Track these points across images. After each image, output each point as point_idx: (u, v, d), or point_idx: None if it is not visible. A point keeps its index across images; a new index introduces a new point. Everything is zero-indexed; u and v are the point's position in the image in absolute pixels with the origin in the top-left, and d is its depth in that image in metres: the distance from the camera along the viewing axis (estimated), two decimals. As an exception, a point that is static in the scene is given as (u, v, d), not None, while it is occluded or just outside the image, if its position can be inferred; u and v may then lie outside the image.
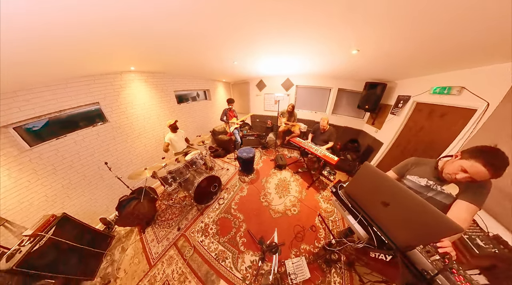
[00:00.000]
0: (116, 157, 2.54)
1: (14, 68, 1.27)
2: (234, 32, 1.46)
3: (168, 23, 1.18)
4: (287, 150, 3.95)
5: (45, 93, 1.82)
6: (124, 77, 2.46)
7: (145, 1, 0.90)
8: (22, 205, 1.79)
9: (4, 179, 1.66)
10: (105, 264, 1.92)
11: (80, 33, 1.10)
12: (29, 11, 0.79)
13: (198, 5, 1.00)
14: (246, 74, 3.85)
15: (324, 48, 1.84)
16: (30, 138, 1.86)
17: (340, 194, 1.13)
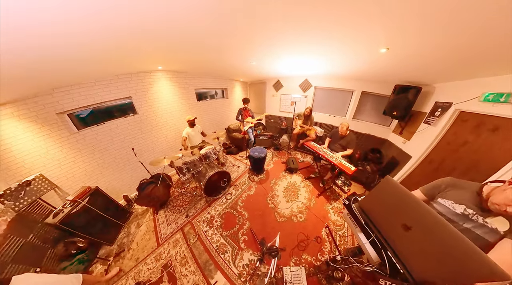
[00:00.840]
0: (141, 145, 2.86)
1: (71, 64, 1.55)
2: (256, 33, 1.47)
3: (195, 24, 1.24)
4: (300, 154, 3.79)
5: (91, 88, 2.19)
6: (152, 75, 2.78)
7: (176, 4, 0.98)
8: (67, 176, 2.18)
9: (57, 154, 2.06)
10: (122, 235, 2.19)
11: (123, 35, 1.25)
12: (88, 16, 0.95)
13: (223, 6, 1.03)
14: (264, 74, 3.84)
15: (347, 47, 1.70)
16: (78, 123, 2.27)
17: (354, 208, 1.03)
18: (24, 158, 1.90)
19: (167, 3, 0.96)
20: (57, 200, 1.94)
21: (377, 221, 0.91)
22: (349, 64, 2.37)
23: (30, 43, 1.03)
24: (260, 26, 1.34)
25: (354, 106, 3.33)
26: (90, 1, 0.82)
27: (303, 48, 1.93)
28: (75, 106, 2.12)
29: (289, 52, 2.11)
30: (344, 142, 2.53)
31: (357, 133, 3.12)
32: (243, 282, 1.53)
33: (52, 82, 1.86)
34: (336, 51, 1.89)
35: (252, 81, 4.79)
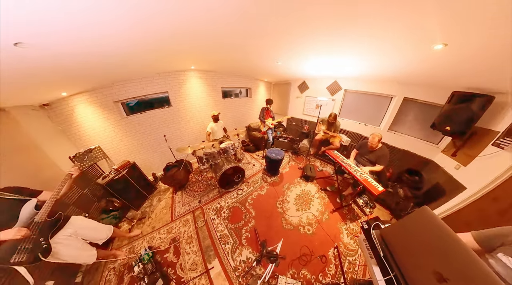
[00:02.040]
0: (171, 133, 3.26)
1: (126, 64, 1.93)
2: (285, 32, 1.43)
3: (227, 25, 1.30)
4: (320, 162, 3.48)
5: (139, 83, 2.71)
6: (186, 73, 3.14)
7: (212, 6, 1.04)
8: (115, 150, 2.76)
9: (110, 133, 2.66)
10: (146, 204, 2.59)
11: (165, 37, 1.44)
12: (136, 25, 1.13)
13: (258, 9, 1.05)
14: (289, 74, 3.68)
15: (389, 45, 1.44)
16: (127, 110, 2.87)
17: (373, 235, 0.90)
18: (90, 132, 2.50)
19: (206, 8, 1.04)
20: (106, 167, 2.43)
21: (400, 258, 0.75)
22: (390, 65, 2.00)
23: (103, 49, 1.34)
24: (292, 26, 1.30)
25: (392, 115, 2.76)
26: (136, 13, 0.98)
27: (335, 48, 1.76)
28: (127, 96, 2.67)
29: (319, 52, 1.97)
30: (373, 157, 2.16)
31: (392, 148, 2.63)
32: (236, 276, 1.54)
33: (112, 78, 2.37)
34: (375, 50, 1.63)
35: (276, 81, 4.70)
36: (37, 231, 1.13)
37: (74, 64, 1.49)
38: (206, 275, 1.57)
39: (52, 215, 1.24)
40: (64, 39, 1.07)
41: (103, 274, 1.69)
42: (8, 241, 1.00)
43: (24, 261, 1.05)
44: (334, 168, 2.70)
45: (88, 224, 1.53)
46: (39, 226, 1.14)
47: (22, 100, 1.92)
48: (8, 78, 1.31)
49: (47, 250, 1.15)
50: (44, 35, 0.97)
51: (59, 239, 1.27)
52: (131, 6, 0.91)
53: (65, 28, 0.97)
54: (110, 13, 0.93)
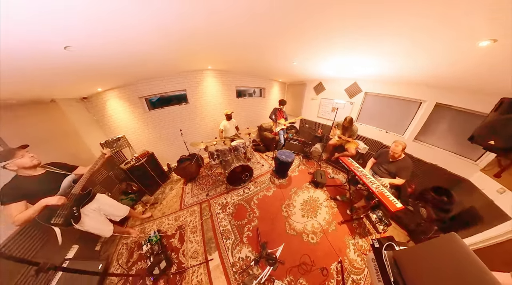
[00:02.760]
0: (187, 128, 3.47)
1: (150, 64, 2.11)
2: (304, 33, 1.39)
3: (245, 25, 1.30)
4: (332, 169, 3.26)
5: (161, 81, 2.96)
6: (203, 73, 3.28)
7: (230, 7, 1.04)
8: (137, 140, 3.07)
9: (134, 124, 2.97)
10: (159, 191, 2.83)
11: (184, 38, 1.51)
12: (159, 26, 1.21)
13: (277, 6, 1.03)
14: (305, 74, 3.50)
15: (421, 43, 1.27)
16: (150, 105, 3.17)
17: (384, 256, 0.82)
18: (118, 123, 2.83)
19: (225, 10, 1.05)
20: (128, 154, 2.70)
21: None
22: (420, 65, 1.74)
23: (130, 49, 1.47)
24: (311, 28, 1.25)
25: (420, 123, 2.41)
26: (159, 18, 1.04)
27: (357, 47, 1.62)
28: (150, 93, 2.96)
29: (338, 52, 1.84)
30: (394, 168, 1.91)
31: (417, 160, 2.33)
32: (233, 272, 1.56)
33: (138, 76, 2.62)
34: (403, 49, 1.46)
35: (291, 81, 4.55)
36: (72, 201, 1.33)
37: (107, 64, 1.69)
38: (205, 266, 1.63)
39: (84, 190, 1.44)
40: (100, 43, 1.22)
41: (117, 247, 1.90)
42: (51, 205, 1.19)
43: (60, 223, 1.26)
44: (347, 177, 2.50)
45: (110, 202, 1.73)
46: (74, 197, 1.35)
47: (68, 94, 2.27)
48: (59, 75, 1.55)
49: (78, 218, 1.37)
50: (86, 39, 1.13)
51: (86, 212, 1.47)
52: (153, 11, 0.98)
53: (101, 35, 1.12)
54: (133, 18, 1.02)
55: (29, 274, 1.27)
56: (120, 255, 1.82)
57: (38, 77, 1.48)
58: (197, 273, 1.58)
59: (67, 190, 1.32)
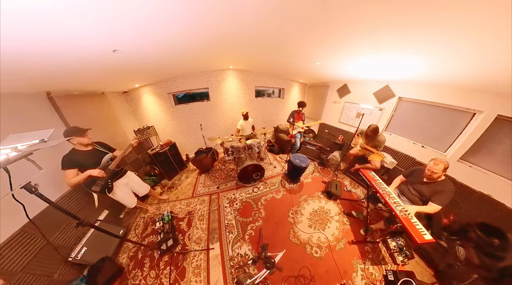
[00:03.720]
0: (206, 123, 3.67)
1: (178, 64, 2.29)
2: (331, 33, 1.28)
3: (268, 25, 1.27)
4: (349, 181, 2.93)
5: (187, 79, 3.21)
6: (224, 73, 3.38)
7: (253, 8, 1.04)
8: (163, 130, 3.40)
9: (162, 117, 3.33)
10: (176, 178, 3.13)
11: (210, 41, 1.57)
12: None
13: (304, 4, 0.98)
14: (328, 75, 3.19)
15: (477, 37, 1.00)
16: (176, 101, 3.49)
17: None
18: (149, 114, 3.23)
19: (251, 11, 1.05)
20: (155, 142, 3.04)
21: None
22: (479, 67, 1.36)
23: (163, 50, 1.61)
24: (340, 27, 1.13)
25: (471, 140, 1.91)
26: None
27: (393, 47, 1.40)
28: (177, 90, 3.25)
29: (369, 51, 1.61)
30: (428, 190, 1.56)
31: (461, 186, 1.87)
32: (230, 265, 1.60)
33: (168, 75, 2.91)
34: (457, 49, 1.17)
35: (312, 83, 4.23)
36: (108, 175, 1.63)
37: (143, 63, 1.90)
38: (206, 253, 1.71)
39: (118, 167, 1.75)
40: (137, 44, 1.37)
41: (136, 219, 2.23)
42: (93, 176, 1.51)
43: (97, 190, 1.60)
44: (366, 193, 2.22)
45: (136, 180, 2.03)
46: (110, 172, 1.65)
47: (113, 88, 2.71)
48: (108, 73, 1.84)
49: (111, 188, 1.69)
50: (128, 43, 1.29)
51: (118, 184, 1.80)
52: (179, 13, 1.02)
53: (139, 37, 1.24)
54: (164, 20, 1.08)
55: (71, 225, 1.59)
56: (137, 226, 2.13)
57: (93, 75, 1.79)
58: (198, 258, 1.68)
59: (105, 166, 1.62)
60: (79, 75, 1.67)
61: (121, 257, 1.78)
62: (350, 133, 3.15)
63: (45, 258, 1.38)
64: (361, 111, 2.36)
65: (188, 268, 1.60)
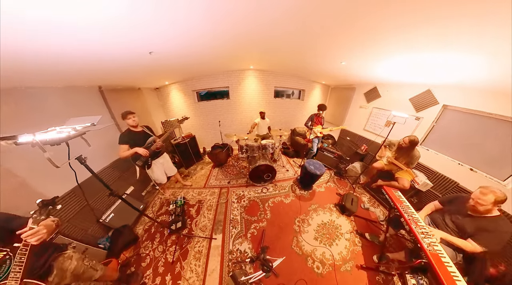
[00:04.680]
0: (224, 120, 3.82)
1: (204, 63, 2.46)
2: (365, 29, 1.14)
3: (289, 24, 1.23)
4: (368, 198, 2.56)
5: (208, 78, 3.38)
6: (245, 72, 3.48)
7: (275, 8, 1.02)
8: (185, 123, 3.65)
9: (186, 112, 3.58)
10: (192, 168, 3.40)
11: (233, 41, 1.62)
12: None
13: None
14: (355, 77, 2.84)
15: None
16: (199, 97, 3.77)
17: None
18: (175, 108, 3.60)
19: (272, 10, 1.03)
20: (178, 133, 3.37)
21: None
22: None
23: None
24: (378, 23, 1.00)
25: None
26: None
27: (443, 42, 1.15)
28: (200, 87, 3.51)
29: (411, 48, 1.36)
30: (472, 226, 1.23)
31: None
32: (229, 259, 1.65)
33: (193, 73, 3.15)
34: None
35: (336, 84, 3.87)
36: (149, 154, 1.93)
37: (172, 64, 2.13)
38: (208, 241, 1.81)
39: (157, 149, 2.05)
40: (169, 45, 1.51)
41: (154, 198, 2.53)
42: (138, 153, 1.84)
43: (140, 165, 1.92)
44: (387, 214, 1.92)
45: (169, 161, 2.37)
46: (151, 152, 1.95)
47: (148, 84, 3.14)
48: (144, 72, 2.12)
49: (150, 165, 2.02)
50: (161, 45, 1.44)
51: (155, 163, 2.10)
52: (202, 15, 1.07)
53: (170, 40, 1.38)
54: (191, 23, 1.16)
55: (105, 194, 1.89)
56: (154, 205, 2.43)
57: (133, 73, 2.10)
58: (200, 244, 1.79)
59: (148, 146, 1.95)
60: (123, 73, 1.99)
61: (138, 228, 2.06)
62: (376, 144, 2.75)
63: (84, 216, 1.72)
64: (392, 119, 2.02)
65: (190, 251, 1.72)
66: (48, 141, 0.77)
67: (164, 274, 1.55)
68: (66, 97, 1.81)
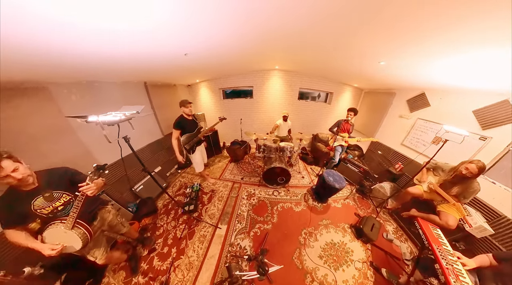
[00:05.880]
0: (246, 118, 3.96)
1: (229, 63, 2.61)
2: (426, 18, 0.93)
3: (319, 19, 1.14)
4: (394, 228, 2.13)
5: (235, 77, 3.56)
6: (269, 73, 3.48)
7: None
8: (210, 118, 4.05)
9: (211, 108, 4.04)
10: (211, 159, 3.70)
11: (260, 40, 1.65)
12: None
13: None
14: (396, 80, 2.35)
15: None
16: (224, 95, 4.03)
17: None
18: (203, 104, 3.97)
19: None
20: (204, 126, 3.64)
21: None
22: None
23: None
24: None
25: None
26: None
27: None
28: (226, 86, 3.74)
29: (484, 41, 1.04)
30: None
31: None
32: (228, 250, 1.74)
33: (220, 73, 3.37)
34: None
35: (371, 88, 3.33)
36: (195, 141, 2.25)
37: (203, 63, 2.35)
38: (213, 229, 1.96)
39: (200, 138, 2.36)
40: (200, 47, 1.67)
41: (176, 180, 2.93)
42: (187, 139, 2.19)
43: (187, 149, 2.23)
44: (417, 254, 1.58)
45: (204, 150, 2.62)
46: (197, 140, 2.27)
47: (182, 82, 3.57)
48: (179, 71, 2.42)
49: (194, 151, 2.30)
50: (194, 47, 1.61)
51: (197, 150, 2.37)
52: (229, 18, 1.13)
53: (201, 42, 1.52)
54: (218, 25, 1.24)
55: (139, 169, 2.21)
56: (174, 185, 2.83)
57: (171, 72, 2.45)
58: (206, 229, 1.96)
59: (196, 134, 2.26)
60: (163, 72, 2.35)
61: (159, 202, 2.44)
62: (416, 164, 2.27)
63: (121, 183, 2.17)
64: (443, 136, 1.59)
65: (196, 233, 1.91)
66: (106, 122, 1.02)
67: (171, 246, 1.79)
68: (121, 90, 2.30)
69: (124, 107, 1.21)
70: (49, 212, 1.01)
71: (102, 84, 2.03)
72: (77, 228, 1.05)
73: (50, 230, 0.99)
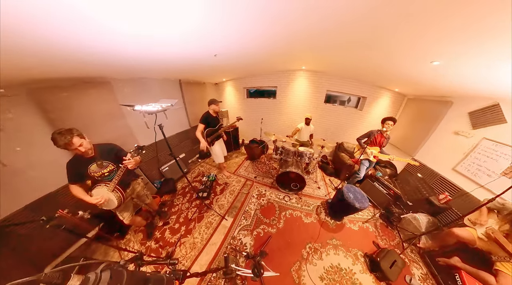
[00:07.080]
0: (267, 118, 3.98)
1: (256, 64, 2.69)
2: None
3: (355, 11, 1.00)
4: (423, 273, 1.67)
5: (259, 77, 3.64)
6: (295, 73, 3.35)
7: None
8: (233, 114, 4.22)
9: (235, 105, 4.30)
10: (229, 153, 3.81)
11: (283, 44, 1.66)
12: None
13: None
14: (456, 84, 1.79)
15: None
16: (248, 94, 4.14)
17: None
18: (227, 102, 4.25)
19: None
20: (225, 123, 3.90)
21: None
22: None
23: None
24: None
25: None
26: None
27: None
28: (250, 85, 3.87)
29: None
30: None
31: None
32: (229, 243, 1.84)
33: (245, 72, 3.46)
34: None
35: (417, 94, 2.68)
36: (216, 135, 2.50)
37: (230, 64, 2.51)
38: (220, 219, 2.11)
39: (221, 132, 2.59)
40: (229, 51, 1.80)
41: (195, 168, 3.30)
42: (202, 136, 2.42)
43: (209, 141, 2.45)
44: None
45: (224, 145, 2.80)
46: (217, 134, 2.50)
47: (211, 80, 3.87)
48: (208, 70, 2.66)
49: (213, 144, 2.53)
50: (223, 48, 1.71)
51: (216, 143, 2.59)
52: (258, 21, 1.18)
53: (228, 45, 1.63)
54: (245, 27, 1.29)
55: (167, 153, 2.50)
56: (193, 172, 3.20)
57: (201, 71, 2.70)
58: (214, 217, 2.14)
59: (217, 129, 2.49)
60: (194, 71, 2.61)
61: (178, 184, 2.82)
62: (472, 199, 1.74)
63: (152, 163, 2.63)
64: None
65: (205, 219, 2.11)
66: (147, 111, 1.26)
67: (182, 225, 2.05)
68: (160, 85, 2.72)
69: (162, 100, 1.45)
70: (98, 176, 1.33)
71: (147, 80, 2.47)
72: (115, 192, 1.34)
73: (97, 189, 1.31)
